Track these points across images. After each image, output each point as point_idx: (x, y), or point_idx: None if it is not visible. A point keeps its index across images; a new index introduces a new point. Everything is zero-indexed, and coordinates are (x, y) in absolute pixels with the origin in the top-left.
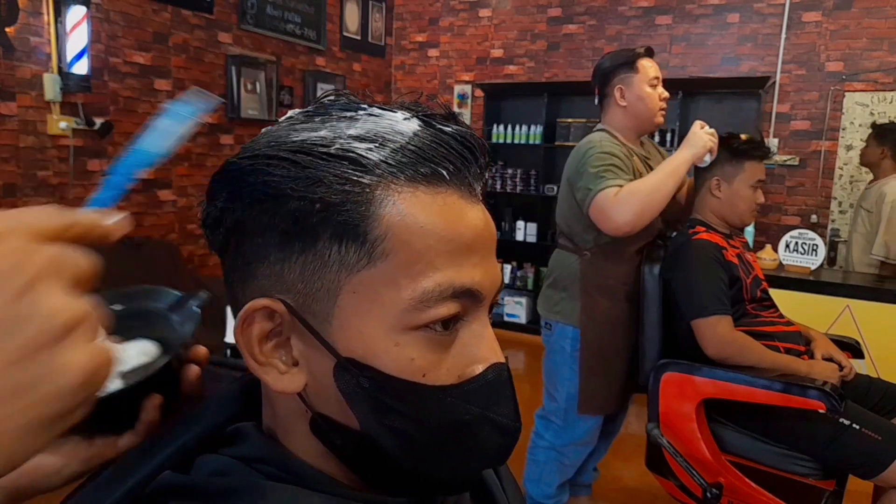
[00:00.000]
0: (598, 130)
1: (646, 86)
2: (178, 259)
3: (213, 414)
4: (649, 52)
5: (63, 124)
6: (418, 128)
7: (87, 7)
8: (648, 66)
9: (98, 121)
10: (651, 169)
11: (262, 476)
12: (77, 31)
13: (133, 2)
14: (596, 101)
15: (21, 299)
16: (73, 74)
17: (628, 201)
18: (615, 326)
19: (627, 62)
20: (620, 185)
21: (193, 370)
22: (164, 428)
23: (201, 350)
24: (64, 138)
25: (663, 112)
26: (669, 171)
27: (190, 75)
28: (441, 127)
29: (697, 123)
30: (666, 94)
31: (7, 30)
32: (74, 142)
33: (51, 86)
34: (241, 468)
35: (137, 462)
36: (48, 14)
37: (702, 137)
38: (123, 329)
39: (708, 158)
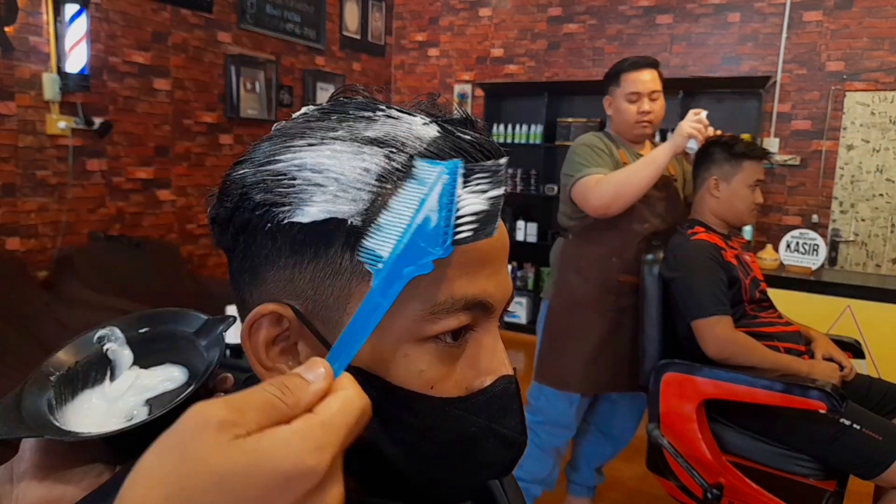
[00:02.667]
0: (599, 130)
1: (623, 101)
2: (178, 259)
3: None
4: (634, 65)
5: (62, 124)
6: (437, 133)
7: (87, 6)
8: (630, 82)
9: (97, 120)
10: None
11: None
12: (76, 30)
13: (132, 1)
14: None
15: None
16: (72, 74)
17: (603, 187)
18: (580, 305)
19: (614, 75)
20: (598, 174)
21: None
22: None
23: (229, 379)
24: (63, 138)
25: (643, 125)
26: (646, 161)
27: (189, 75)
28: (460, 134)
29: (691, 112)
30: (646, 107)
31: (6, 29)
32: (73, 141)
33: (50, 85)
34: None
35: None
36: (47, 13)
37: (684, 127)
38: (148, 352)
39: (693, 145)
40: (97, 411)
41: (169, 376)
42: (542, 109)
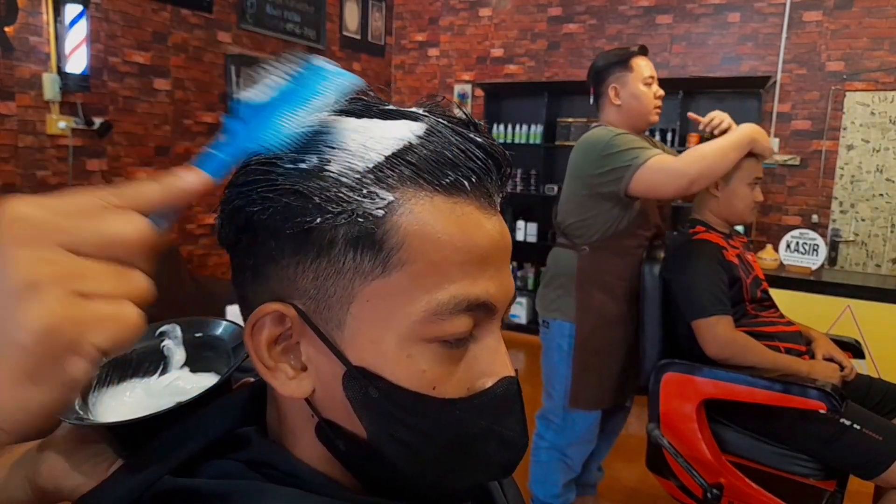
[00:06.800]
0: (598, 126)
1: (640, 84)
2: (178, 259)
3: (220, 421)
4: (643, 51)
5: (62, 124)
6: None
7: (87, 6)
8: (643, 65)
9: (97, 120)
10: None
11: (264, 479)
12: (76, 30)
13: (132, 1)
14: (591, 100)
15: None
16: (72, 74)
17: (692, 162)
18: (611, 323)
19: (622, 61)
20: (661, 154)
21: None
22: (172, 435)
23: (248, 382)
24: (63, 138)
25: (658, 110)
26: (734, 142)
27: (189, 75)
28: (466, 135)
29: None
30: (661, 92)
31: (6, 29)
32: (73, 141)
33: (50, 85)
34: (243, 471)
35: (143, 467)
36: (47, 13)
37: (768, 146)
38: (198, 358)
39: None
40: (134, 401)
41: (206, 384)
42: (542, 109)
